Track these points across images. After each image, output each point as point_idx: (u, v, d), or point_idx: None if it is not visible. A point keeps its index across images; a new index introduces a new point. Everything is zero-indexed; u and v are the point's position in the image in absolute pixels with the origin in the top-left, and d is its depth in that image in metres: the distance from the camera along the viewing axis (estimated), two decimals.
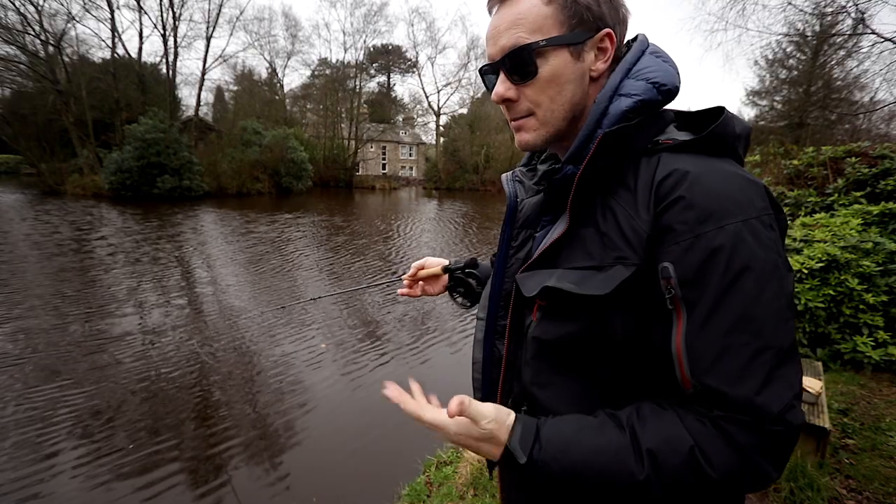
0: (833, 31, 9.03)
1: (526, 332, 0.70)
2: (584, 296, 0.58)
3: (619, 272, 0.57)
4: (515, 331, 0.73)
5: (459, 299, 1.11)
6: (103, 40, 28.53)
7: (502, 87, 0.65)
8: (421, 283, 1.14)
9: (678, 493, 0.54)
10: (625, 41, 0.69)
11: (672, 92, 0.62)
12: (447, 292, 1.13)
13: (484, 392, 0.84)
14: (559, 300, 0.62)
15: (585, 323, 0.60)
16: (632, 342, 0.59)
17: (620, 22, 0.66)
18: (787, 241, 3.86)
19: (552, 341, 0.65)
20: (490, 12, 0.67)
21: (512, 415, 0.61)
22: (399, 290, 1.15)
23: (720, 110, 0.62)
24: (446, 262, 1.10)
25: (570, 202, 0.62)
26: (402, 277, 1.16)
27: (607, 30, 0.63)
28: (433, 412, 0.61)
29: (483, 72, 0.70)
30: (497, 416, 0.59)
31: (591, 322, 0.60)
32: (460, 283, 1.09)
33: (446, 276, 1.12)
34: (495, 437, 0.58)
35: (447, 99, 68.69)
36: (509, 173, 0.86)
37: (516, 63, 0.63)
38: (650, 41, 0.69)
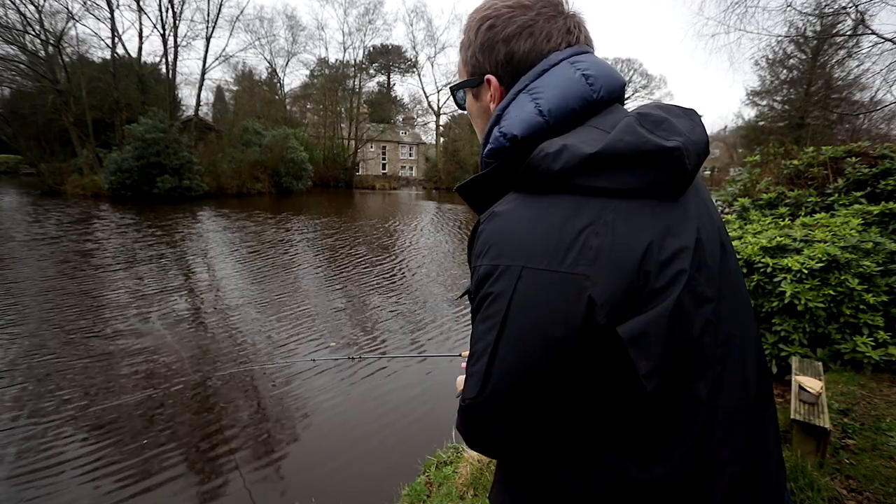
0: (833, 32, 9.01)
1: None
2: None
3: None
4: None
5: None
6: (103, 40, 28.59)
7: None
8: None
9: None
10: (535, 69, 0.67)
11: (516, 139, 0.62)
12: None
13: None
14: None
15: None
16: None
17: (506, 63, 0.70)
18: (787, 241, 3.84)
19: None
20: None
21: None
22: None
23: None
24: None
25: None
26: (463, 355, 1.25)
27: (486, 76, 0.73)
28: None
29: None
30: None
31: None
32: None
33: None
34: None
35: (447, 99, 68.05)
36: None
37: (455, 97, 0.83)
38: (546, 65, 0.66)
